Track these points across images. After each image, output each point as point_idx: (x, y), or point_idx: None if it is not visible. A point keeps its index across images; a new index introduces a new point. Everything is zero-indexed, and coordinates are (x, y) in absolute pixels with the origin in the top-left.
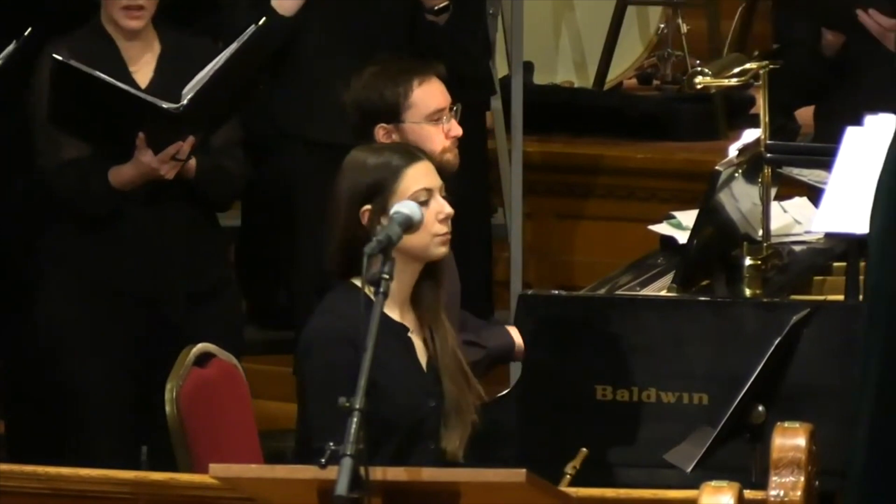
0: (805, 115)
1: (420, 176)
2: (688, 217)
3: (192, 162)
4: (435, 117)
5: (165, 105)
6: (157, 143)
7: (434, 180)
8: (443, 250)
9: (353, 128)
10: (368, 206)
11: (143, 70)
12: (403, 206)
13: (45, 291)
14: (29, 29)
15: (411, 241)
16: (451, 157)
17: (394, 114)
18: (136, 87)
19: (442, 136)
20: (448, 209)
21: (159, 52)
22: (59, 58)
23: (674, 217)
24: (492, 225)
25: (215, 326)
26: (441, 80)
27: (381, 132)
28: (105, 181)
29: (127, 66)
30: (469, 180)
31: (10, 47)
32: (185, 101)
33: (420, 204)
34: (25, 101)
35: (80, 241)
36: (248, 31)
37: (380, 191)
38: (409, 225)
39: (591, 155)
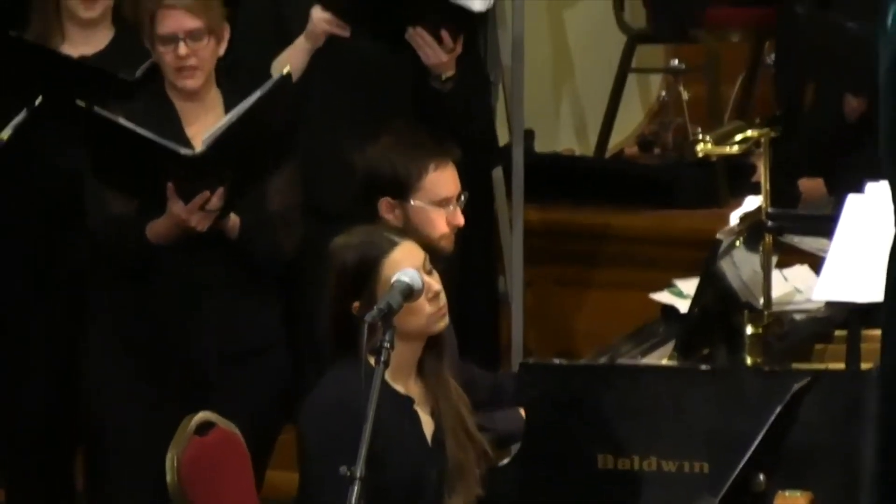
0: (807, 184)
1: (407, 256)
2: (689, 285)
3: (235, 220)
4: (441, 204)
5: (182, 150)
6: (185, 193)
7: (417, 259)
8: (443, 324)
9: (356, 193)
10: (357, 303)
11: (201, 133)
12: (404, 275)
13: (86, 343)
14: (40, 97)
15: (409, 323)
16: (447, 243)
17: (403, 191)
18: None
19: (444, 223)
20: (436, 286)
21: (222, 116)
22: (82, 104)
23: (675, 286)
24: (495, 292)
25: (252, 391)
26: (456, 167)
27: (384, 205)
28: (142, 235)
29: (183, 127)
30: (475, 245)
31: (21, 116)
32: (202, 147)
33: None
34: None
35: (120, 296)
36: (271, 80)
37: (364, 284)
38: (410, 293)
39: (592, 223)
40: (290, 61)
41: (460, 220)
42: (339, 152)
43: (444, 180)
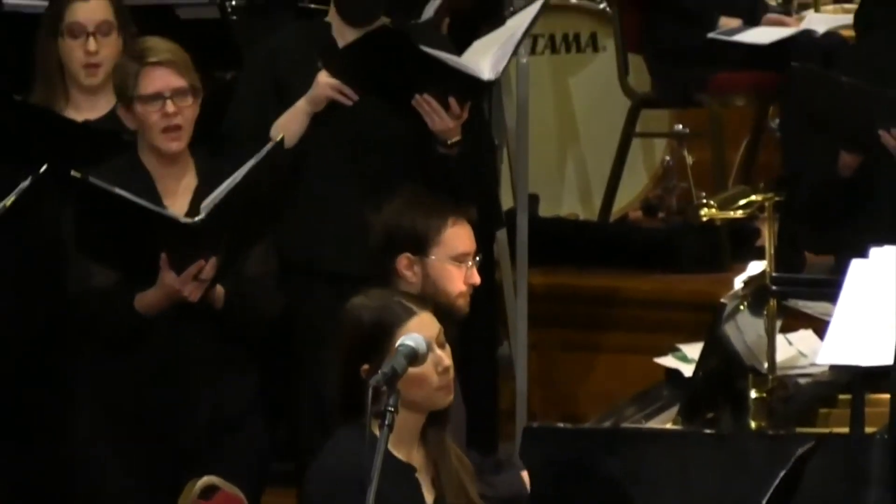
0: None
1: (422, 327)
2: (693, 349)
3: (220, 290)
4: (459, 260)
5: (183, 219)
6: (178, 263)
7: (432, 331)
8: (448, 400)
9: (374, 254)
10: (366, 366)
11: (178, 202)
12: (409, 339)
13: (70, 415)
14: (45, 165)
15: (412, 393)
16: (463, 303)
17: (421, 246)
18: None
19: (461, 280)
20: (447, 361)
21: (195, 185)
22: (77, 174)
23: (679, 350)
24: (498, 356)
25: (238, 457)
26: (472, 226)
27: (403, 261)
28: (130, 307)
29: (161, 198)
30: (478, 308)
31: (25, 183)
32: (202, 215)
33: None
34: (57, 229)
35: (103, 367)
36: (267, 146)
37: (376, 349)
38: (415, 357)
39: (597, 287)
40: (290, 125)
41: (476, 278)
42: (345, 215)
43: (462, 236)
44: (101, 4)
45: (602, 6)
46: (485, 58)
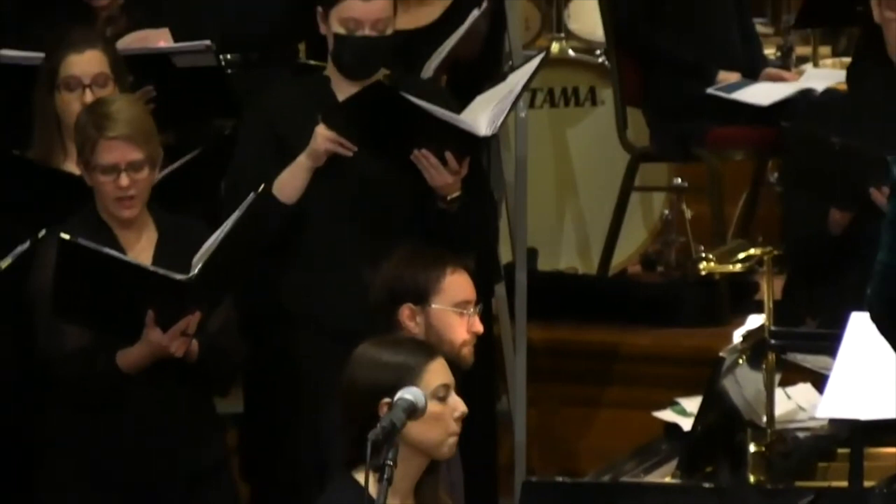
0: None
1: (440, 371)
2: (692, 403)
3: (195, 344)
4: (461, 308)
5: (178, 276)
6: (165, 319)
7: (449, 376)
8: (453, 451)
9: (375, 307)
10: (388, 400)
11: (142, 256)
12: (407, 393)
13: (42, 470)
14: (44, 230)
15: (426, 434)
16: (468, 352)
17: (422, 296)
18: None
19: (464, 328)
20: (463, 408)
21: (156, 238)
22: (67, 236)
23: (678, 403)
24: (497, 411)
25: None
26: (470, 275)
27: (406, 312)
28: (112, 365)
29: (125, 252)
30: (474, 365)
31: (24, 247)
32: (195, 271)
33: (439, 399)
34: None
35: (76, 422)
36: (248, 198)
37: (400, 386)
38: (413, 411)
39: (595, 341)
40: (291, 181)
41: (479, 326)
42: (345, 269)
43: (461, 283)
44: (97, 56)
45: (601, 60)
46: (483, 113)
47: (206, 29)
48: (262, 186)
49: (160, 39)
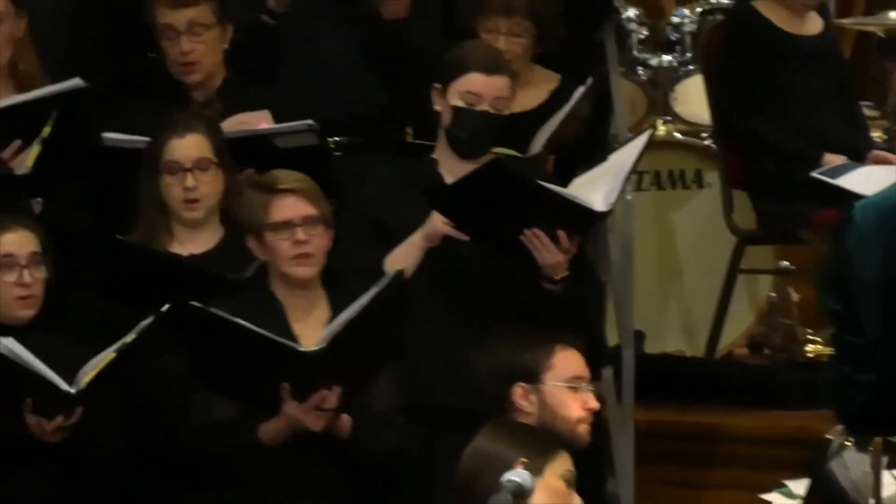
0: None
1: (565, 464)
2: (799, 486)
3: (347, 419)
4: (574, 384)
5: (302, 348)
6: (300, 392)
7: (566, 468)
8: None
9: (485, 391)
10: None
11: (311, 333)
12: (515, 475)
13: None
14: (167, 305)
15: None
16: (584, 430)
17: (533, 374)
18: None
19: (579, 405)
20: (578, 500)
21: (327, 317)
22: (198, 304)
23: (785, 486)
24: (605, 492)
25: None
26: (580, 352)
27: (518, 391)
28: (255, 438)
29: (292, 328)
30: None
31: (147, 321)
32: (322, 344)
33: (566, 483)
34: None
35: (221, 499)
36: (386, 277)
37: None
38: (521, 493)
39: (702, 423)
40: (404, 259)
41: (595, 403)
42: (450, 352)
43: (573, 359)
44: (198, 140)
45: (707, 142)
46: (594, 191)
47: (308, 111)
48: (401, 268)
49: (261, 121)
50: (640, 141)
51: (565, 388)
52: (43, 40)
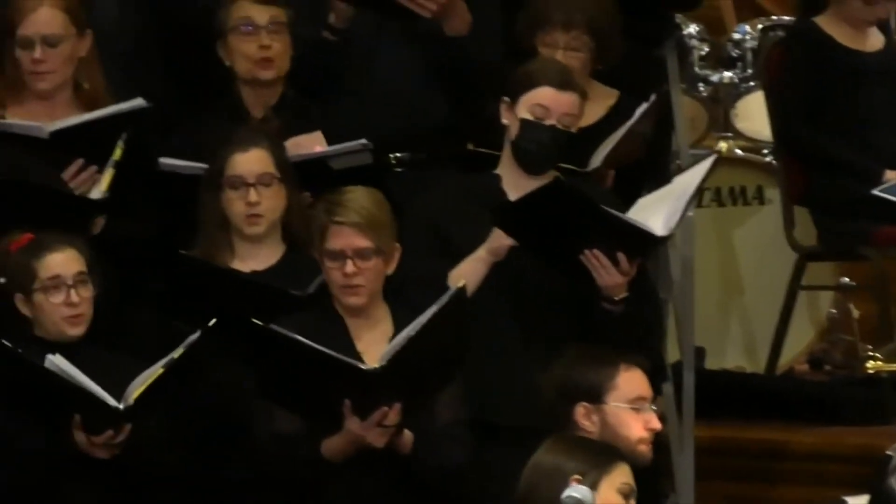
0: None
1: (621, 476)
2: (859, 502)
3: (409, 435)
4: (636, 405)
5: (362, 366)
6: (362, 409)
7: (628, 479)
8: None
9: (548, 409)
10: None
11: (371, 349)
12: (575, 491)
13: None
14: (213, 320)
15: None
16: (645, 449)
17: (596, 394)
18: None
19: (640, 425)
20: None
21: (391, 334)
22: (259, 322)
23: (845, 502)
24: None
25: None
26: (644, 372)
27: (581, 411)
28: (316, 451)
29: (355, 345)
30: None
31: (194, 336)
32: (382, 362)
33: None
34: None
35: None
36: (448, 293)
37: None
38: None
39: (762, 439)
40: (468, 274)
41: (657, 423)
42: (512, 369)
43: (636, 380)
44: (262, 156)
45: (768, 159)
46: (655, 214)
47: (369, 127)
48: (463, 283)
49: (315, 143)
50: (705, 165)
51: (628, 409)
52: (109, 58)
